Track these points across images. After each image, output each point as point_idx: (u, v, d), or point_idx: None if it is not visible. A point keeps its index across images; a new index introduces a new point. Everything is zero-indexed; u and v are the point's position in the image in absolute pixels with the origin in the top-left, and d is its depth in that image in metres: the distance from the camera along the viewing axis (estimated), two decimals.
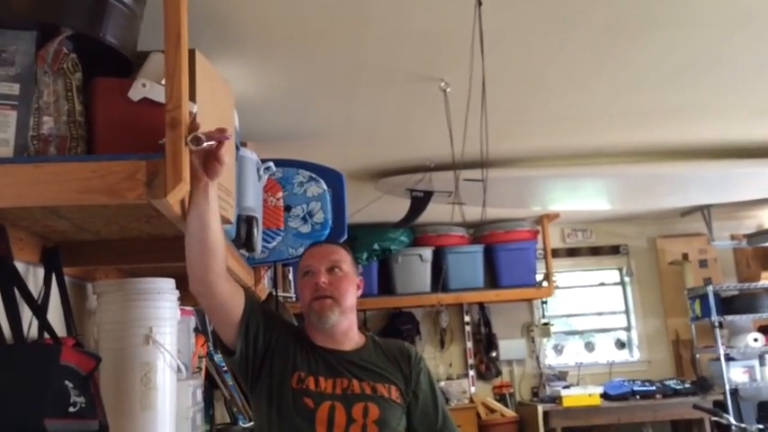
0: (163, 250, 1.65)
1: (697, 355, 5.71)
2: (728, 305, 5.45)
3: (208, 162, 1.23)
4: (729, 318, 5.39)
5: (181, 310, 1.89)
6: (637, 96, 3.22)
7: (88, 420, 1.18)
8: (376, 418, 1.57)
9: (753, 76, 3.04)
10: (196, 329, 2.49)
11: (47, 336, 1.34)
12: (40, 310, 1.35)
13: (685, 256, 6.04)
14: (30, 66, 1.13)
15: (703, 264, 6.01)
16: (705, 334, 5.63)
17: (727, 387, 5.18)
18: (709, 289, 5.39)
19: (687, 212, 5.75)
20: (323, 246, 1.80)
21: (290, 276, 3.76)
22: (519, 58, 2.68)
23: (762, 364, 5.47)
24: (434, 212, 4.38)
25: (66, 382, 1.14)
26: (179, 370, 1.77)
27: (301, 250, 2.44)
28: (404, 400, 1.67)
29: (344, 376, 1.62)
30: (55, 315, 1.46)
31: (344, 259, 1.73)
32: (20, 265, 1.36)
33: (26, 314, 1.33)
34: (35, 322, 1.35)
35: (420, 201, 4.10)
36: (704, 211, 5.40)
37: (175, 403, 1.76)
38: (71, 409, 1.12)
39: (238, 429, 3.07)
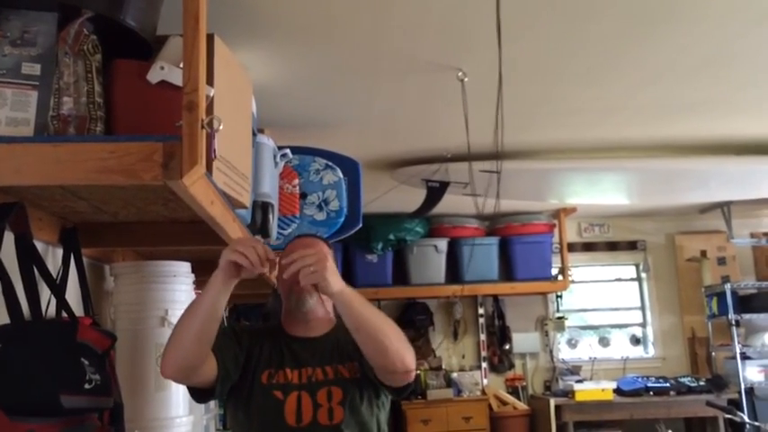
0: (179, 234, 1.67)
1: (713, 353, 5.67)
2: (746, 303, 5.40)
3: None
4: (747, 316, 5.34)
5: (196, 293, 1.92)
6: (658, 90, 3.18)
7: (103, 397, 1.20)
8: (340, 400, 1.63)
9: None
10: None
11: (64, 314, 1.36)
12: (58, 289, 1.37)
13: (704, 254, 5.98)
14: (51, 47, 1.15)
15: (722, 261, 5.94)
16: (721, 332, 5.58)
17: (743, 386, 5.14)
18: (727, 287, 5.34)
19: (706, 209, 5.69)
20: (305, 238, 1.85)
21: None
22: (538, 49, 2.66)
23: None
24: (450, 203, 4.37)
25: (83, 359, 1.16)
26: None
27: None
28: (360, 368, 1.66)
29: (309, 365, 1.68)
30: (73, 295, 1.48)
31: (325, 252, 1.75)
32: (39, 245, 1.38)
33: (44, 293, 1.35)
34: (53, 301, 1.37)
35: (436, 191, 4.10)
36: (724, 207, 5.34)
37: None
38: (87, 386, 1.14)
39: None
